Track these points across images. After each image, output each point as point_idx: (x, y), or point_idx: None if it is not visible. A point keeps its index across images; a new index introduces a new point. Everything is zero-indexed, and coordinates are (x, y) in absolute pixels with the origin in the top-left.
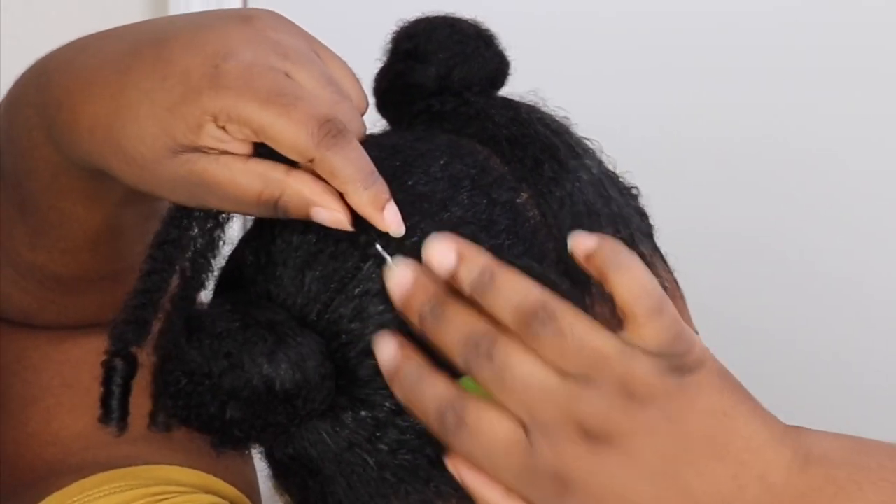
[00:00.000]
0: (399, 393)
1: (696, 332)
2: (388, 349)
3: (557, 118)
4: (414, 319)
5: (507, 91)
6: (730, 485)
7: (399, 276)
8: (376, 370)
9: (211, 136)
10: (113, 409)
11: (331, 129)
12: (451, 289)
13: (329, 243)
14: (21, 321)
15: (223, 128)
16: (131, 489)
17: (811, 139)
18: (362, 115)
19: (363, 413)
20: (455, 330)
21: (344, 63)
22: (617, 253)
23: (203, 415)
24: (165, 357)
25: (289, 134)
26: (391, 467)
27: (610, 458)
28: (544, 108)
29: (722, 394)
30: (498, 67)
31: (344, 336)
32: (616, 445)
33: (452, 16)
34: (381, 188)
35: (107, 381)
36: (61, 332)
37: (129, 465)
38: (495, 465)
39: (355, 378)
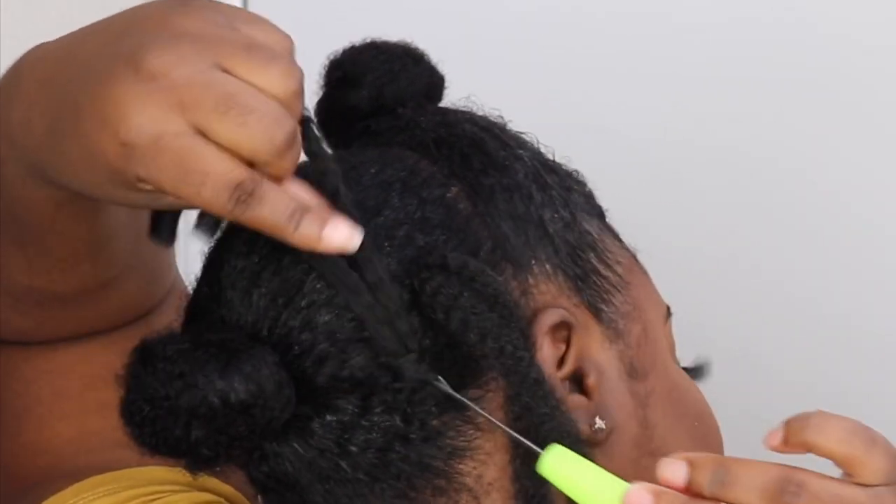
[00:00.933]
0: None
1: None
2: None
3: (491, 118)
4: None
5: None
6: None
7: (637, 498)
8: (333, 376)
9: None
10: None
11: (240, 196)
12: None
13: (272, 260)
14: (17, 341)
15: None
16: (125, 490)
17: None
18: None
19: (329, 418)
20: None
21: (259, 20)
22: (800, 421)
23: (170, 439)
24: (126, 388)
25: (205, 205)
26: (363, 467)
27: None
28: (479, 111)
29: None
30: (430, 81)
31: (296, 347)
32: None
33: (378, 40)
34: (312, 219)
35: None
36: (52, 343)
37: (123, 468)
38: None
39: (314, 386)
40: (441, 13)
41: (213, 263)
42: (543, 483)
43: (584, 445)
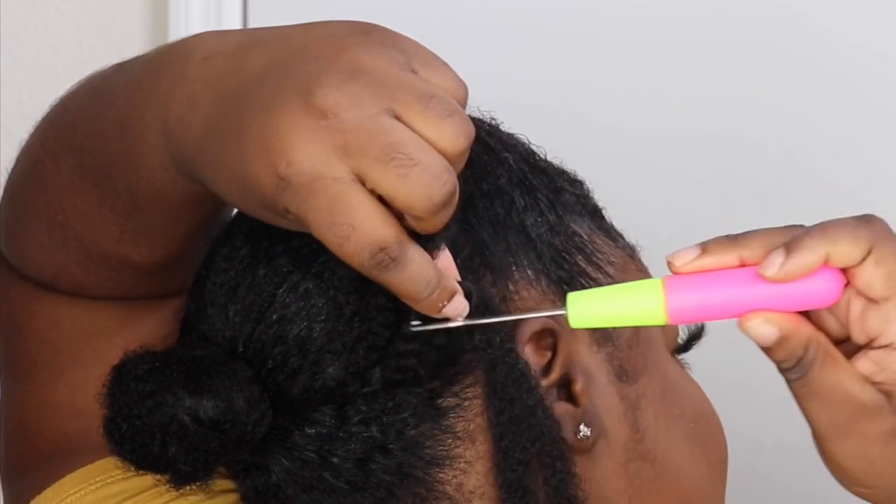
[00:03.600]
0: None
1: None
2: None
3: (483, 120)
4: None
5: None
6: None
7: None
8: (307, 388)
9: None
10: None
11: (382, 260)
12: None
13: (247, 276)
14: (71, 293)
15: None
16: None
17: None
18: (462, 104)
19: (308, 430)
20: None
21: (438, 62)
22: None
23: (148, 456)
24: (106, 406)
25: (345, 258)
26: (345, 477)
27: None
28: (474, 114)
29: None
30: None
31: (270, 362)
32: None
33: None
34: (439, 296)
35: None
36: (97, 301)
37: None
38: None
39: (290, 399)
40: (437, 13)
41: (198, 279)
42: (529, 490)
43: (570, 451)
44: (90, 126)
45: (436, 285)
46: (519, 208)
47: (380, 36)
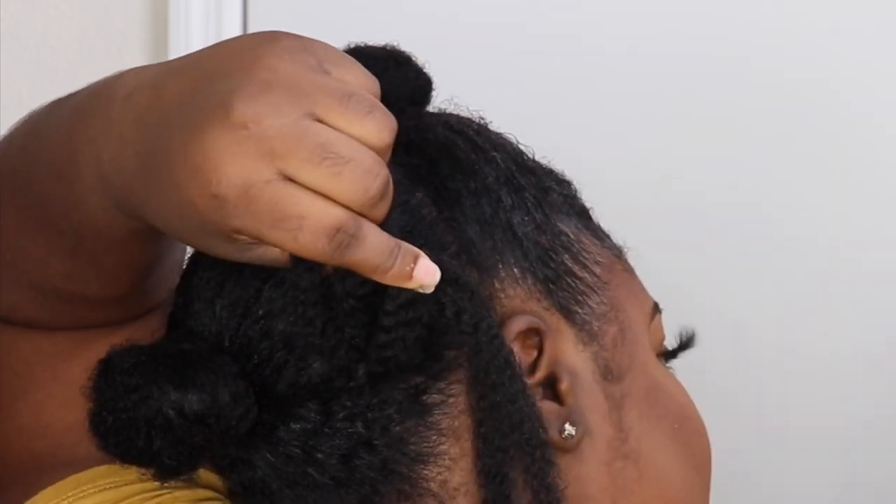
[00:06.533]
0: None
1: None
2: None
3: (472, 119)
4: None
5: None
6: None
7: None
8: (292, 383)
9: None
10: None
11: (342, 240)
12: None
13: (234, 271)
14: (26, 325)
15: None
16: (126, 484)
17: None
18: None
19: (293, 425)
20: None
21: (347, 61)
22: None
23: (133, 449)
24: (91, 400)
25: (302, 251)
26: (330, 473)
27: None
28: (463, 113)
29: None
30: (416, 84)
31: (256, 357)
32: None
33: (361, 44)
34: (403, 261)
35: None
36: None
37: None
38: None
39: (276, 395)
40: (431, 13)
41: (186, 274)
42: (507, 478)
43: (554, 450)
44: (29, 170)
45: (398, 251)
46: (506, 207)
47: (288, 42)
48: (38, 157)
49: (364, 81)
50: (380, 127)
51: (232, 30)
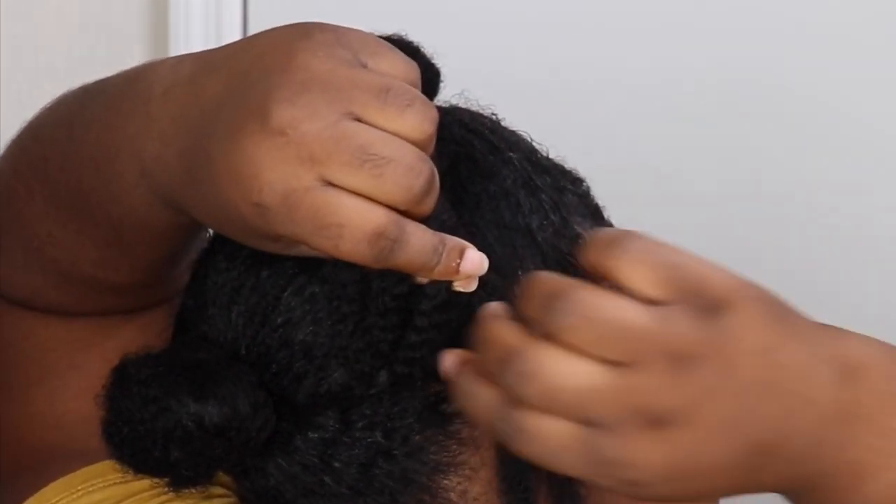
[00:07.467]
0: (460, 404)
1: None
2: (447, 364)
3: (484, 116)
4: None
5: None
6: (784, 417)
7: None
8: (311, 393)
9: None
10: None
11: (384, 246)
12: None
13: (250, 276)
14: (45, 311)
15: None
16: (137, 479)
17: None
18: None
19: (311, 434)
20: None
21: (384, 48)
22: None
23: (150, 460)
24: (105, 409)
25: (346, 259)
26: (347, 482)
27: (680, 437)
28: (474, 108)
29: (765, 327)
30: (424, 77)
31: (274, 366)
32: (683, 423)
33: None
34: (448, 257)
35: None
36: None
37: None
38: (562, 464)
39: (294, 404)
40: (435, 13)
41: (197, 276)
42: (530, 487)
43: None
44: (62, 160)
45: (442, 248)
46: (525, 211)
47: (322, 36)
48: (72, 150)
49: (402, 69)
50: (420, 119)
51: (232, 29)
